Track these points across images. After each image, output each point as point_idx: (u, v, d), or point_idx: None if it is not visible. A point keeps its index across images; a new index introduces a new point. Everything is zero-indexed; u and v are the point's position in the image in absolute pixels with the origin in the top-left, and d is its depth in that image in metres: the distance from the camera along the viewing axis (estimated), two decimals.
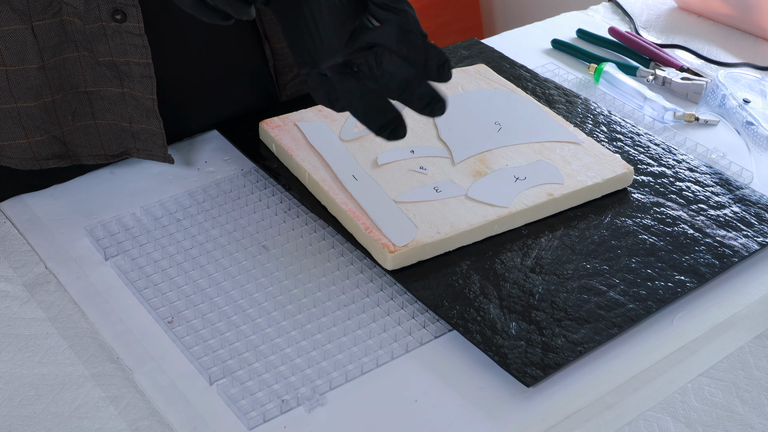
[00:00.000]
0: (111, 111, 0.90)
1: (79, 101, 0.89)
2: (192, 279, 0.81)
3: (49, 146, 0.90)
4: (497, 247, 0.86)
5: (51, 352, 0.75)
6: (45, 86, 0.86)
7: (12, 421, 0.69)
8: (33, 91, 0.86)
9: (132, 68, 0.88)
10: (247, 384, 0.71)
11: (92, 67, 0.88)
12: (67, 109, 0.89)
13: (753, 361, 0.77)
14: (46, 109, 0.87)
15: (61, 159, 0.91)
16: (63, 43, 0.86)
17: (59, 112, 0.89)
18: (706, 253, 0.86)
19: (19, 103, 0.86)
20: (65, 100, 0.88)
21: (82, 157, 0.92)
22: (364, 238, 0.84)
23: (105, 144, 0.92)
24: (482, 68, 1.10)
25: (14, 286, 0.81)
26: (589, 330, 0.77)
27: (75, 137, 0.91)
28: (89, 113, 0.90)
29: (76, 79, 0.88)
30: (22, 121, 0.87)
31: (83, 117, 0.90)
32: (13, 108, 0.87)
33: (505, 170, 0.92)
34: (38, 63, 0.85)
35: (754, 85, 1.08)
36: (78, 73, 0.88)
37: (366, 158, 0.93)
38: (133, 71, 0.88)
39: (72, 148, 0.91)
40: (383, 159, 0.92)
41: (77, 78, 0.88)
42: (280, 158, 0.95)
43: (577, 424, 0.71)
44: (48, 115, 0.88)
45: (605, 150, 0.96)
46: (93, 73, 0.88)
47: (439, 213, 0.86)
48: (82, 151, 0.92)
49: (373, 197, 0.87)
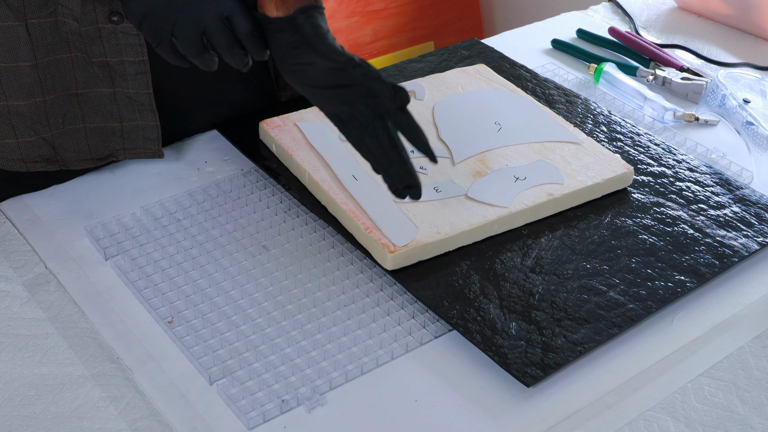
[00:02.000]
0: (101, 112, 0.90)
1: (70, 104, 0.89)
2: (192, 279, 0.81)
3: (37, 148, 0.89)
4: (497, 247, 0.86)
5: (51, 352, 0.75)
6: (37, 85, 0.86)
7: (12, 421, 0.69)
8: (25, 89, 0.86)
9: (126, 67, 0.88)
10: (247, 384, 0.71)
11: (84, 68, 0.87)
12: (58, 112, 0.89)
13: (753, 361, 0.77)
14: (37, 109, 0.87)
15: (49, 163, 0.91)
16: (57, 44, 0.86)
17: (50, 114, 0.88)
18: (706, 253, 0.86)
19: (10, 101, 0.86)
20: (57, 102, 0.88)
21: (69, 162, 0.92)
22: (364, 238, 0.84)
23: (92, 147, 0.91)
24: (482, 68, 1.10)
25: (14, 286, 0.81)
26: (589, 330, 0.77)
27: (64, 141, 0.90)
28: (79, 116, 0.90)
29: (68, 81, 0.88)
30: (12, 120, 0.87)
31: (73, 120, 0.90)
32: (4, 106, 0.86)
33: (505, 170, 0.92)
34: (31, 61, 0.85)
35: (754, 85, 1.08)
36: (69, 74, 0.87)
37: None
38: (127, 70, 0.88)
39: (60, 152, 0.91)
40: None
41: (69, 79, 0.88)
42: (280, 158, 0.95)
43: (577, 424, 0.71)
44: (39, 115, 0.88)
45: (605, 150, 0.96)
46: (84, 74, 0.88)
47: (439, 213, 0.86)
48: (69, 155, 0.91)
49: (373, 197, 0.87)
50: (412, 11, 2.46)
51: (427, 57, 1.15)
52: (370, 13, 2.39)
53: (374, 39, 2.42)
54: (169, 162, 0.97)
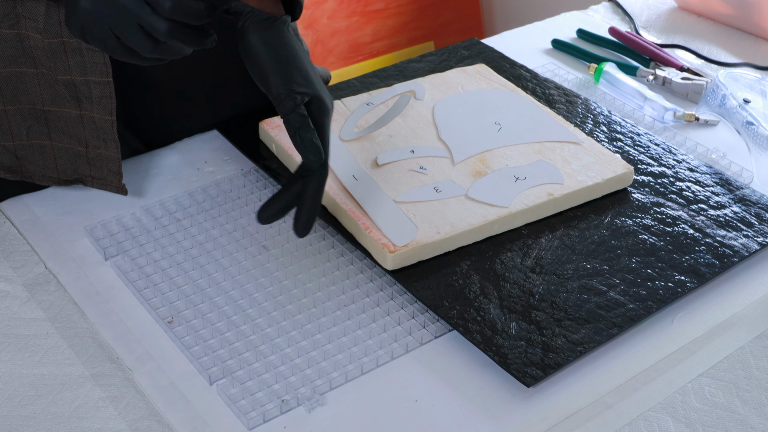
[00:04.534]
0: (67, 133, 0.88)
1: (35, 118, 0.87)
2: (192, 279, 0.81)
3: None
4: (497, 247, 0.86)
5: (51, 352, 0.75)
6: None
7: (12, 421, 0.69)
8: None
9: (91, 88, 0.85)
10: (247, 384, 0.71)
11: (50, 85, 0.86)
12: (21, 124, 0.87)
13: (753, 361, 0.77)
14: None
15: (11, 172, 0.89)
16: (20, 57, 0.84)
17: (12, 124, 0.87)
18: (706, 253, 0.86)
19: None
20: (19, 113, 0.86)
21: (35, 176, 0.90)
22: (364, 238, 0.84)
23: (60, 167, 0.90)
24: (482, 68, 1.10)
25: (14, 286, 0.81)
26: (589, 330, 0.77)
27: (29, 154, 0.89)
28: (45, 133, 0.88)
29: (34, 96, 0.86)
30: None
31: (38, 136, 0.88)
32: None
33: (505, 170, 0.92)
34: None
35: (754, 85, 1.08)
36: (35, 90, 0.86)
37: (366, 158, 0.93)
38: (93, 91, 0.85)
39: (25, 164, 0.89)
40: (383, 159, 0.92)
41: (34, 95, 0.86)
42: (280, 158, 0.95)
43: (577, 424, 0.71)
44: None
45: (605, 150, 0.96)
46: (51, 92, 0.86)
47: (439, 213, 0.86)
48: (35, 169, 0.90)
49: (373, 197, 0.87)
50: (412, 11, 2.46)
51: (427, 57, 1.15)
52: (370, 13, 2.39)
53: (374, 39, 2.42)
54: (169, 162, 0.97)
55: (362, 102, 1.01)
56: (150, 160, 0.97)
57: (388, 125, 0.98)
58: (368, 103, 1.01)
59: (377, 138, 0.96)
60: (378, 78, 1.12)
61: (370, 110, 1.00)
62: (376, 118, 0.99)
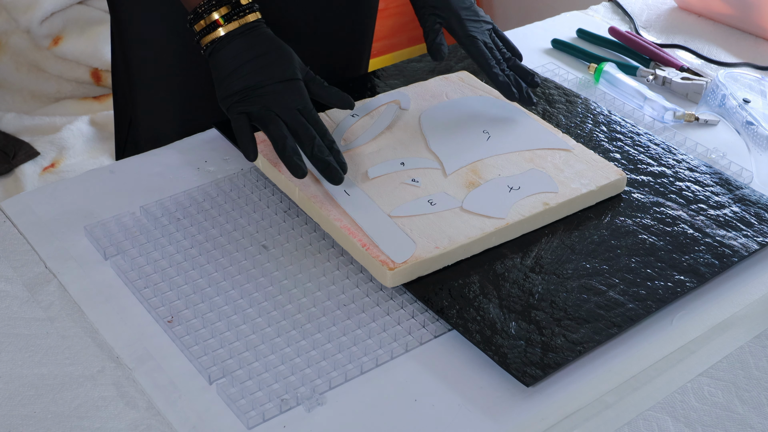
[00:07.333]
0: None
1: None
2: (192, 279, 0.81)
3: None
4: (497, 247, 0.85)
5: (51, 352, 0.75)
6: None
7: (12, 420, 0.69)
8: None
9: None
10: (247, 383, 0.71)
11: None
12: None
13: (753, 361, 0.77)
14: None
15: None
16: None
17: None
18: (706, 253, 0.86)
19: None
20: None
21: None
22: (361, 255, 0.82)
23: None
24: (465, 75, 1.09)
25: (14, 286, 0.81)
26: (588, 330, 0.77)
27: None
28: None
29: None
30: None
31: None
32: None
33: (498, 180, 0.91)
34: None
35: (754, 85, 1.08)
36: None
37: (356, 172, 0.91)
38: None
39: None
40: (374, 172, 0.90)
41: None
42: (267, 174, 0.92)
43: (577, 423, 0.71)
44: None
45: (596, 156, 0.95)
46: None
47: (436, 227, 0.84)
48: None
49: (367, 213, 0.85)
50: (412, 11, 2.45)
51: (427, 57, 1.15)
52: None
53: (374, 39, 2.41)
54: (169, 162, 0.97)
55: (347, 114, 0.99)
56: (150, 159, 0.97)
57: (376, 137, 0.96)
58: (353, 114, 0.99)
59: (366, 150, 0.94)
60: (378, 78, 1.12)
61: (356, 122, 0.99)
62: (362, 130, 0.97)
